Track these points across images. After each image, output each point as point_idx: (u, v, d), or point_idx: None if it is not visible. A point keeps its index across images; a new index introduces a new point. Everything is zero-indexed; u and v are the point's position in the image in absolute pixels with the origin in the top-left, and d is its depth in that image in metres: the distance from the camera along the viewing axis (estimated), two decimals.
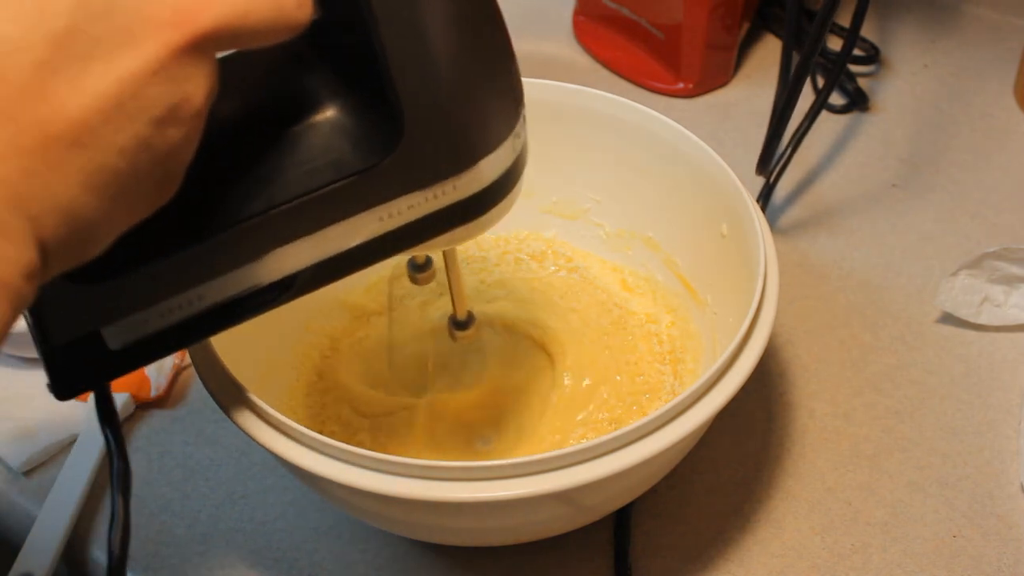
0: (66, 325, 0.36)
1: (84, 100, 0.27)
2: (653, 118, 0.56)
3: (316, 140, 0.38)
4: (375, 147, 0.38)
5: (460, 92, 0.38)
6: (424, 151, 0.38)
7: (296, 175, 0.38)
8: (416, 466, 0.42)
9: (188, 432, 0.59)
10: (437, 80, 0.37)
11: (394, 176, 0.38)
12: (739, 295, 0.51)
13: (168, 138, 0.30)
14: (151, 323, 0.37)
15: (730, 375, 0.45)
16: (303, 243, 0.38)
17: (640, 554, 0.52)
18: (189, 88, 0.30)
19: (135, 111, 0.28)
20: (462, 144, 0.39)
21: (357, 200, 0.38)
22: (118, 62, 0.28)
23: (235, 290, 0.38)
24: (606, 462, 0.42)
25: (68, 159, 0.27)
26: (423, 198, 0.39)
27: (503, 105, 0.40)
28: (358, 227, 0.39)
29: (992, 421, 0.57)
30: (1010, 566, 0.51)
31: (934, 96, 0.78)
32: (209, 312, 0.38)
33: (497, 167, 0.40)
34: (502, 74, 0.39)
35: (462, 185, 0.39)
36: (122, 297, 0.36)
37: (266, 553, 0.53)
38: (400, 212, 0.39)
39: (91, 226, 0.29)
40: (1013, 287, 0.61)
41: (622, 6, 0.79)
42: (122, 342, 0.37)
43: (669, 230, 0.59)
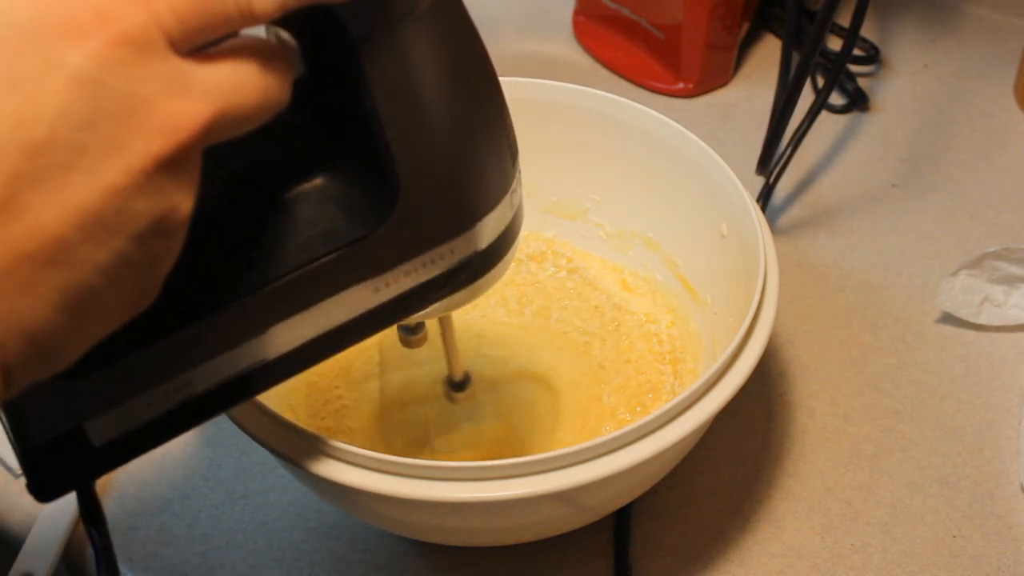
0: (46, 423, 0.33)
1: (62, 215, 0.25)
2: (653, 118, 0.56)
3: (305, 211, 0.36)
4: (369, 214, 0.36)
5: (458, 152, 0.36)
6: (421, 216, 0.36)
7: (286, 250, 0.35)
8: (416, 466, 0.42)
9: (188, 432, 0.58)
10: (434, 140, 0.35)
11: (389, 244, 0.36)
12: (739, 295, 0.51)
13: (151, 251, 0.28)
14: (137, 414, 0.35)
15: (730, 375, 0.45)
16: (295, 320, 0.36)
17: (640, 554, 0.52)
18: (176, 198, 0.27)
19: (117, 226, 0.26)
20: (461, 206, 0.37)
21: (351, 272, 0.36)
22: (101, 174, 0.26)
23: (225, 374, 0.36)
24: (606, 462, 0.42)
25: (41, 279, 0.25)
26: (420, 264, 0.37)
27: (500, 162, 0.38)
28: (352, 300, 0.37)
29: (992, 421, 0.57)
30: (1010, 566, 0.51)
31: (934, 96, 0.78)
32: (197, 399, 0.36)
33: (496, 226, 0.38)
34: (499, 131, 0.38)
35: (459, 248, 0.38)
36: (105, 389, 0.33)
37: (266, 553, 0.53)
38: (396, 281, 0.37)
39: (59, 345, 0.27)
40: (1013, 287, 0.61)
41: (622, 6, 0.79)
42: (107, 436, 0.34)
43: (669, 230, 0.59)
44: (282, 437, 0.44)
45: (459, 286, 0.39)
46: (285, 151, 0.36)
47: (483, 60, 0.36)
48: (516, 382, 0.58)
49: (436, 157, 0.35)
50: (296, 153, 0.36)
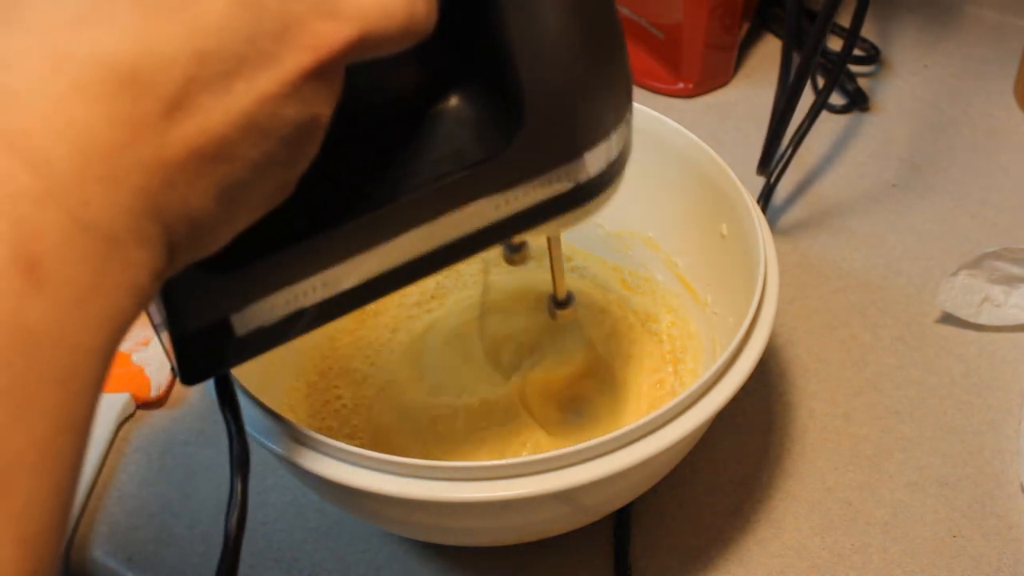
0: (199, 313, 0.37)
1: (226, 117, 0.28)
2: (653, 118, 0.56)
3: (438, 129, 0.39)
4: (496, 136, 0.38)
5: (581, 78, 0.38)
6: (543, 138, 0.38)
7: (420, 165, 0.38)
8: (416, 466, 0.42)
9: (188, 432, 0.59)
10: (559, 66, 0.37)
11: (513, 165, 0.38)
12: (739, 295, 0.51)
13: (293, 153, 0.31)
14: (277, 310, 0.38)
15: (730, 375, 0.45)
16: (424, 230, 0.39)
17: (640, 554, 0.52)
18: (319, 107, 0.31)
19: (269, 130, 0.30)
20: (580, 131, 0.39)
21: (477, 188, 0.38)
22: (258, 82, 0.29)
23: (356, 278, 0.39)
24: (606, 462, 0.42)
25: (205, 172, 0.28)
26: (539, 184, 0.39)
27: (618, 91, 0.40)
28: (476, 214, 0.39)
29: (992, 421, 0.57)
30: (1010, 566, 0.51)
31: (934, 96, 0.78)
32: (331, 300, 0.39)
33: (609, 153, 0.40)
34: (619, 61, 0.39)
35: (575, 172, 0.40)
36: (252, 285, 0.37)
37: (266, 553, 0.53)
38: (516, 199, 0.39)
39: (214, 230, 0.30)
40: (1013, 287, 0.61)
41: (622, 6, 0.79)
42: (248, 329, 0.38)
43: (669, 230, 0.59)
44: (282, 437, 0.44)
45: (572, 207, 0.41)
46: (420, 73, 0.39)
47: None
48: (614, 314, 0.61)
49: (561, 83, 0.37)
50: (430, 75, 0.39)
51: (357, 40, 0.31)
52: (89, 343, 0.26)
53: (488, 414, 0.56)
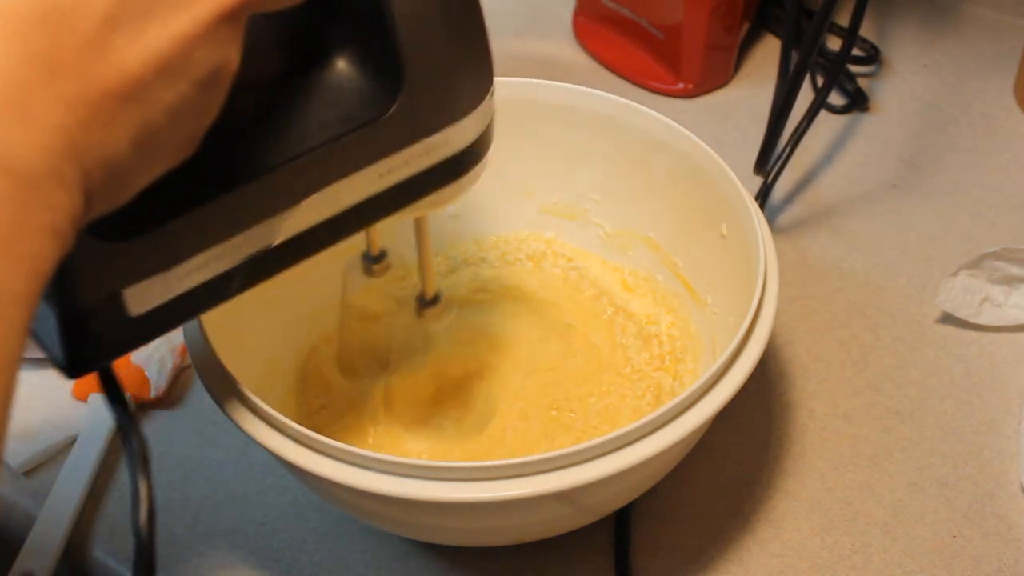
0: (89, 285, 0.35)
1: (141, 57, 0.28)
2: (653, 118, 0.56)
3: (323, 94, 0.39)
4: (378, 99, 0.39)
5: (456, 44, 0.39)
6: (421, 104, 0.39)
7: (306, 130, 0.39)
8: (416, 466, 0.42)
9: (188, 432, 0.59)
10: (436, 30, 0.38)
11: (395, 129, 0.39)
12: (739, 295, 0.51)
13: (204, 99, 0.31)
14: (169, 286, 0.37)
15: (730, 375, 0.45)
16: (314, 199, 0.39)
17: (640, 554, 0.52)
18: (230, 52, 0.31)
19: (183, 71, 0.30)
20: (456, 96, 0.40)
21: (362, 154, 0.39)
22: (173, 23, 0.29)
23: (248, 251, 0.39)
24: (606, 462, 0.42)
25: (121, 113, 0.28)
26: (418, 152, 0.40)
27: (484, 63, 0.41)
28: (362, 183, 0.40)
29: (992, 421, 0.57)
30: (1010, 566, 0.51)
31: (934, 96, 0.78)
32: (223, 276, 0.39)
33: (480, 123, 0.42)
34: (483, 30, 0.41)
35: (453, 138, 0.41)
36: (143, 257, 0.36)
37: (266, 553, 0.53)
38: (398, 167, 0.40)
39: (127, 177, 0.30)
40: (1013, 287, 0.61)
41: (622, 6, 0.79)
42: (143, 307, 0.37)
43: (669, 230, 0.59)
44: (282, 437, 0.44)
45: (446, 181, 0.42)
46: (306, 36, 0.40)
47: None
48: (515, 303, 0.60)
49: (437, 47, 0.39)
50: (316, 38, 0.40)
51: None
52: (11, 287, 0.26)
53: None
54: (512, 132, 0.46)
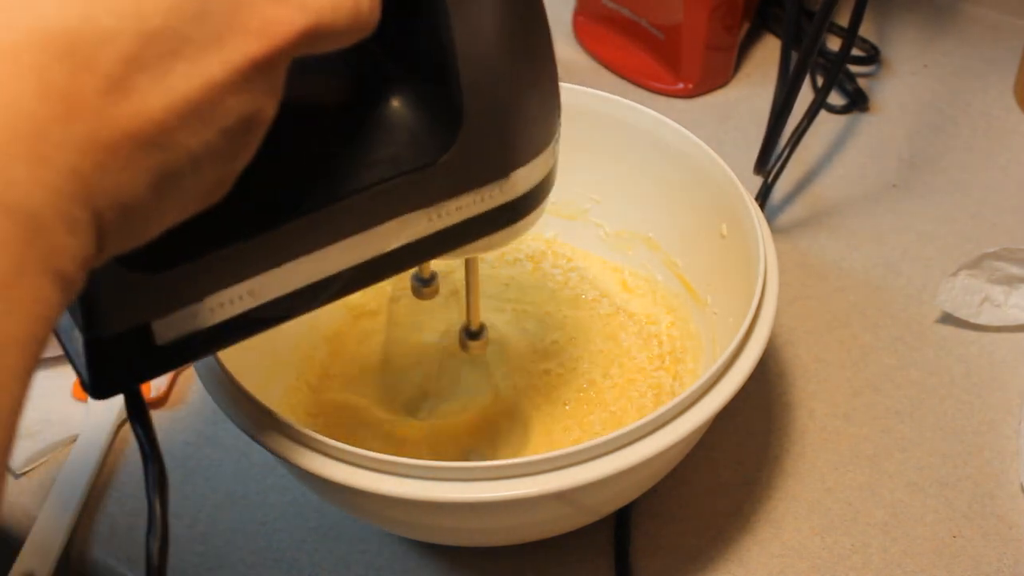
0: (118, 315, 0.35)
1: (166, 101, 0.27)
2: (653, 118, 0.56)
3: (375, 133, 0.38)
4: (433, 144, 0.38)
5: (519, 92, 0.38)
6: (479, 150, 0.38)
7: (354, 169, 0.37)
8: (416, 466, 0.42)
9: (188, 432, 0.59)
10: (498, 78, 0.37)
11: (449, 175, 0.38)
12: (739, 295, 0.51)
13: (233, 146, 0.30)
14: (200, 318, 0.36)
15: (730, 375, 0.45)
16: (356, 240, 0.38)
17: (640, 554, 0.52)
18: (263, 100, 0.30)
19: (211, 118, 0.28)
20: (515, 146, 0.39)
21: (411, 198, 0.38)
22: (203, 66, 0.28)
23: (286, 287, 0.38)
24: (606, 462, 0.42)
25: (141, 158, 0.27)
26: (472, 199, 0.39)
27: (550, 110, 0.40)
28: (408, 226, 0.39)
29: (992, 421, 0.57)
30: (1010, 566, 0.51)
31: (934, 96, 0.78)
32: (256, 310, 0.38)
33: (539, 172, 0.41)
34: (551, 77, 0.40)
35: (508, 188, 0.40)
36: (174, 290, 0.35)
37: (266, 553, 0.53)
38: (449, 213, 0.39)
39: (146, 221, 0.29)
40: (1013, 287, 0.61)
41: (622, 6, 0.79)
42: (169, 337, 0.36)
43: (669, 230, 0.59)
44: (282, 437, 0.44)
45: (501, 225, 0.41)
46: (359, 75, 0.39)
47: (542, 8, 0.38)
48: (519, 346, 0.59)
49: (499, 94, 0.38)
50: (369, 78, 0.39)
51: (309, 29, 0.30)
52: (11, 332, 0.24)
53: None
54: None
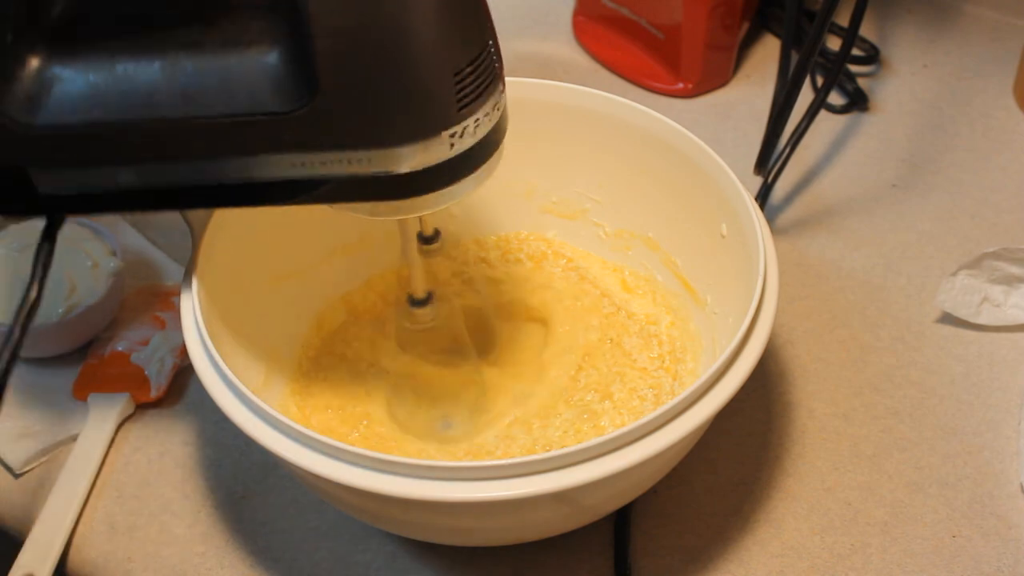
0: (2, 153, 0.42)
1: None
2: (653, 118, 0.56)
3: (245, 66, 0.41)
4: (292, 98, 0.41)
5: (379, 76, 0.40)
6: (338, 115, 0.41)
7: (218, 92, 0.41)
8: (415, 466, 0.42)
9: (188, 432, 0.59)
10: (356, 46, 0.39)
11: (307, 128, 0.41)
12: (739, 295, 0.51)
13: None
14: (72, 182, 0.43)
15: (730, 375, 0.45)
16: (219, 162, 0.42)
17: (640, 554, 0.52)
18: None
19: None
20: (381, 121, 0.41)
21: (270, 139, 0.41)
22: None
23: (153, 181, 0.43)
24: (606, 462, 0.42)
25: None
26: (335, 159, 0.42)
27: (435, 96, 0.41)
28: (277, 164, 0.42)
29: (992, 421, 0.57)
30: (1010, 566, 0.51)
31: (934, 96, 0.78)
32: (126, 192, 0.43)
33: (422, 158, 0.42)
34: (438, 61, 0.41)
35: (377, 161, 0.42)
36: (46, 149, 0.42)
37: (266, 553, 0.53)
38: (314, 164, 0.42)
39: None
40: (1013, 287, 0.61)
41: (622, 6, 0.79)
42: (47, 190, 0.43)
43: (669, 230, 0.59)
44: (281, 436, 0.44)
45: (378, 196, 0.43)
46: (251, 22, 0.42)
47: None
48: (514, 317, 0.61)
49: (358, 74, 0.40)
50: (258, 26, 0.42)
51: None
52: None
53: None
54: (512, 132, 0.46)
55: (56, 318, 0.59)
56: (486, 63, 0.42)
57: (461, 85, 0.41)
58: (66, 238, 0.62)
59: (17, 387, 0.61)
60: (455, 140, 0.42)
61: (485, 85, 0.42)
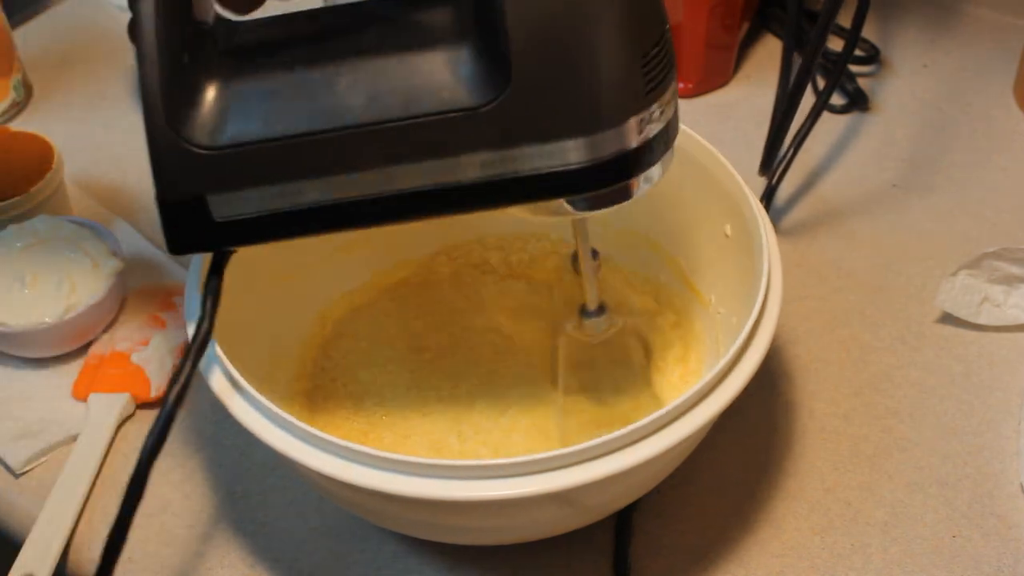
0: (177, 184, 0.41)
1: None
2: None
3: (431, 68, 0.41)
4: (484, 92, 0.40)
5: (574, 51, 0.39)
6: (531, 106, 0.40)
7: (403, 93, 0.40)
8: (417, 464, 0.41)
9: (188, 432, 0.59)
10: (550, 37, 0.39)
11: (498, 124, 0.40)
12: (743, 295, 0.51)
13: None
14: (252, 204, 0.42)
15: (733, 376, 0.45)
16: (410, 168, 0.41)
17: (640, 553, 0.52)
18: None
19: None
20: (570, 112, 0.40)
21: (462, 138, 0.40)
22: None
23: (336, 194, 0.42)
24: (608, 462, 0.42)
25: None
26: (530, 153, 0.41)
27: (624, 89, 0.41)
28: (470, 165, 0.41)
29: (992, 421, 0.57)
30: (1010, 566, 0.51)
31: (934, 96, 0.78)
32: (308, 211, 0.42)
33: (611, 147, 0.41)
34: (627, 47, 0.41)
35: (571, 153, 0.41)
36: (228, 171, 0.41)
37: (266, 553, 0.53)
38: (509, 162, 0.41)
39: None
40: (1013, 287, 0.61)
41: None
42: (224, 215, 0.42)
43: (672, 230, 0.59)
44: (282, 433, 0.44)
45: (580, 189, 0.43)
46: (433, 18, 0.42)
47: None
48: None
49: (549, 63, 0.39)
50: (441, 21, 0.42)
51: None
52: None
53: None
54: None
55: (56, 318, 0.59)
56: (667, 46, 0.42)
57: (648, 68, 0.41)
58: (66, 238, 0.62)
59: (17, 387, 0.61)
60: (644, 126, 0.42)
61: (668, 67, 0.42)
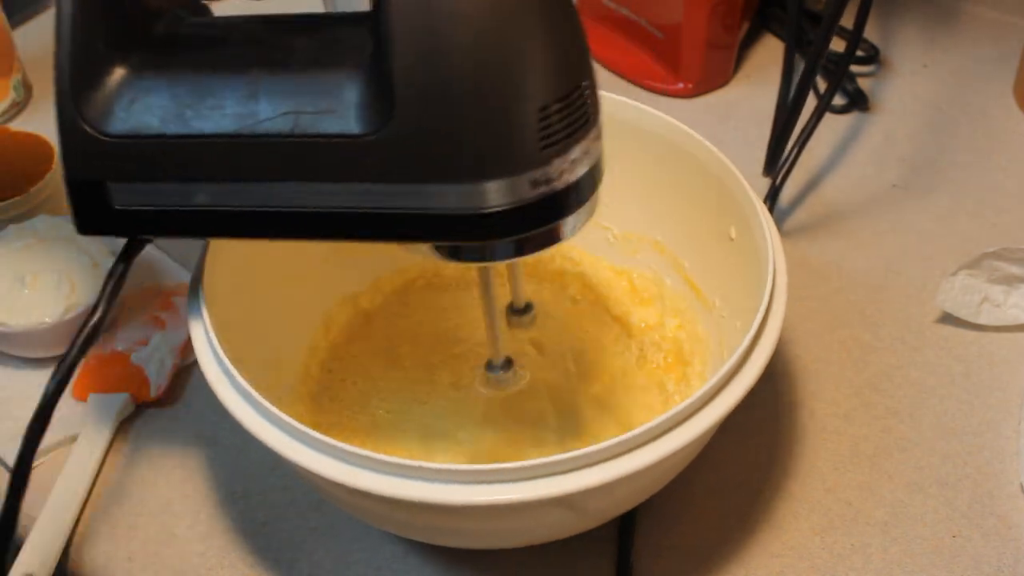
0: (77, 164, 0.42)
1: None
2: (659, 119, 0.56)
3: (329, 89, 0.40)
4: (370, 121, 0.39)
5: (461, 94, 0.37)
6: (411, 143, 0.39)
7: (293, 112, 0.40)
8: (418, 468, 0.41)
9: (188, 432, 0.59)
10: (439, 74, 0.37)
11: (381, 155, 0.39)
12: (747, 298, 0.50)
13: None
14: (148, 198, 0.43)
15: (738, 379, 0.44)
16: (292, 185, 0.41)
17: (641, 554, 0.52)
18: None
19: None
20: (452, 155, 0.39)
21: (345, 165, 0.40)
22: None
23: (226, 202, 0.42)
24: (612, 466, 0.42)
25: None
26: (413, 191, 0.40)
27: (514, 140, 0.38)
28: (350, 193, 0.41)
29: (992, 421, 0.58)
30: (1010, 566, 0.51)
31: (934, 96, 0.78)
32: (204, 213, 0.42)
33: (496, 200, 0.39)
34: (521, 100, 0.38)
35: (452, 197, 0.39)
36: (122, 161, 0.42)
37: (266, 553, 0.53)
38: (389, 196, 0.40)
39: None
40: (1013, 287, 0.61)
41: (622, 6, 0.79)
42: (123, 204, 0.43)
43: (676, 233, 0.59)
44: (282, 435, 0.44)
45: (462, 238, 0.41)
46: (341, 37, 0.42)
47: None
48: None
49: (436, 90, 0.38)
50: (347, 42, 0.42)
51: None
52: None
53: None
54: None
55: (56, 318, 0.59)
56: (578, 103, 0.39)
57: (546, 123, 0.38)
58: (66, 238, 0.62)
59: (17, 387, 0.61)
60: (538, 183, 0.39)
61: (576, 127, 0.39)
